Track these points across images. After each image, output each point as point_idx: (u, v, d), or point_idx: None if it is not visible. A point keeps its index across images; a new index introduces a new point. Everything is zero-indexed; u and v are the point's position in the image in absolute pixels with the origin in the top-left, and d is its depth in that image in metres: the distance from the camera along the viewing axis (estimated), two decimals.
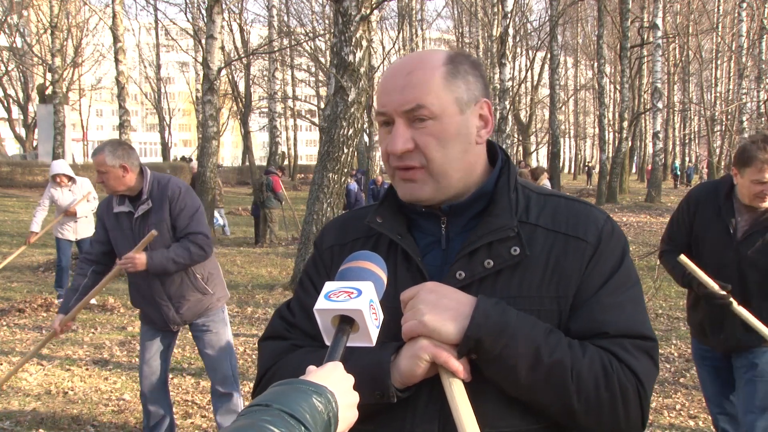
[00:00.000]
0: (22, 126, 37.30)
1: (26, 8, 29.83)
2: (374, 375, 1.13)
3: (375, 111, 1.25)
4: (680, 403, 4.76)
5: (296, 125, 45.05)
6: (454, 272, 1.19)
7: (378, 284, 1.10)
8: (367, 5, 7.15)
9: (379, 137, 1.25)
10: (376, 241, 1.29)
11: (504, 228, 1.19)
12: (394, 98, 1.18)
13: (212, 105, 14.16)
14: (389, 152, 1.20)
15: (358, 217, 1.36)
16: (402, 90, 1.18)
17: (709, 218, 3.04)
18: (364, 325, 1.04)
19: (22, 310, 7.55)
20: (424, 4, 30.65)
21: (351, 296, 1.05)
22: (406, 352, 1.14)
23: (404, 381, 1.13)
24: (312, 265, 1.38)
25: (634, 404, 1.14)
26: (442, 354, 1.11)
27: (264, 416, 0.86)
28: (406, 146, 1.17)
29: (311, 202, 7.57)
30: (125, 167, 3.42)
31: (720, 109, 27.16)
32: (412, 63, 1.22)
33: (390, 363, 1.14)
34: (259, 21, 37.05)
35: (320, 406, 0.91)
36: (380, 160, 30.93)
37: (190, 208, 3.54)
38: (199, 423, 4.43)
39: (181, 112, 55.20)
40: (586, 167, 43.78)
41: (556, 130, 26.11)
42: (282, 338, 1.31)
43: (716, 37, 30.37)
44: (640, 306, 1.21)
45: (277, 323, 1.35)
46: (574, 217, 1.23)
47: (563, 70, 38.48)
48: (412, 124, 1.18)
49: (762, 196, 2.85)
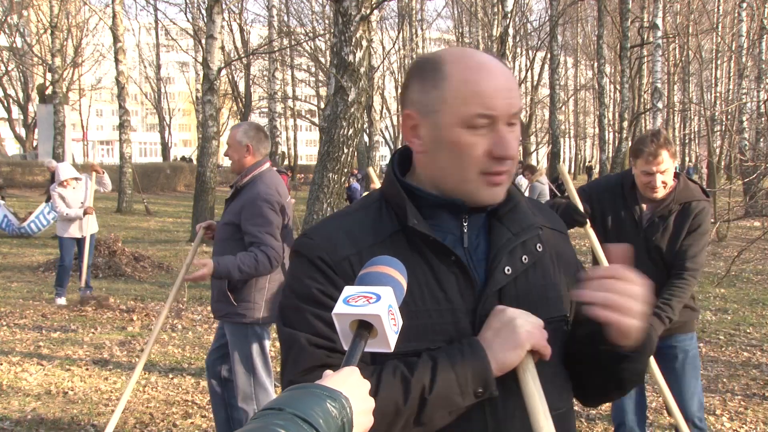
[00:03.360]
0: (22, 126, 37.31)
1: (26, 8, 29.83)
2: (476, 373, 1.13)
3: (473, 112, 1.16)
4: None
5: (296, 125, 45.02)
6: (502, 268, 1.22)
7: (397, 289, 1.08)
8: (367, 5, 7.14)
9: (464, 140, 1.17)
10: (392, 243, 1.21)
11: (533, 226, 1.28)
12: (506, 101, 1.17)
13: (212, 105, 14.15)
14: (500, 155, 1.17)
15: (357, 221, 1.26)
16: (511, 93, 1.18)
17: (616, 209, 3.19)
18: (383, 330, 1.03)
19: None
20: (424, 4, 30.68)
21: (370, 301, 1.03)
22: (505, 344, 1.14)
23: (498, 374, 1.15)
24: (322, 278, 1.19)
25: None
26: (542, 340, 1.16)
27: (276, 420, 0.85)
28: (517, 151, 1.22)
29: (311, 202, 7.57)
30: (250, 149, 3.58)
31: (720, 109, 27.14)
32: (500, 64, 1.21)
33: (489, 358, 1.14)
34: (259, 21, 37.05)
35: (334, 411, 0.89)
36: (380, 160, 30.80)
37: (263, 219, 3.45)
38: (199, 423, 4.43)
39: (181, 112, 55.20)
40: (586, 167, 43.78)
41: (556, 130, 26.11)
42: (328, 366, 1.11)
43: (716, 37, 30.35)
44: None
45: (315, 353, 1.16)
46: (549, 214, 1.39)
47: (563, 70, 38.45)
48: (508, 128, 1.19)
49: (651, 187, 3.02)
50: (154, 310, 7.66)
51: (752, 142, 17.76)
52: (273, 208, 3.49)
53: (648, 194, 3.07)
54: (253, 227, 3.43)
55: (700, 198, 3.12)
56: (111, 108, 53.73)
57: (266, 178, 3.59)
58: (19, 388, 5.03)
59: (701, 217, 3.09)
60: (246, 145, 3.57)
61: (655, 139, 2.98)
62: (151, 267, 10.50)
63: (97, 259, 9.78)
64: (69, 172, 7.88)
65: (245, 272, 3.41)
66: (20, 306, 7.82)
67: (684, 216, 3.08)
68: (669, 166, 3.00)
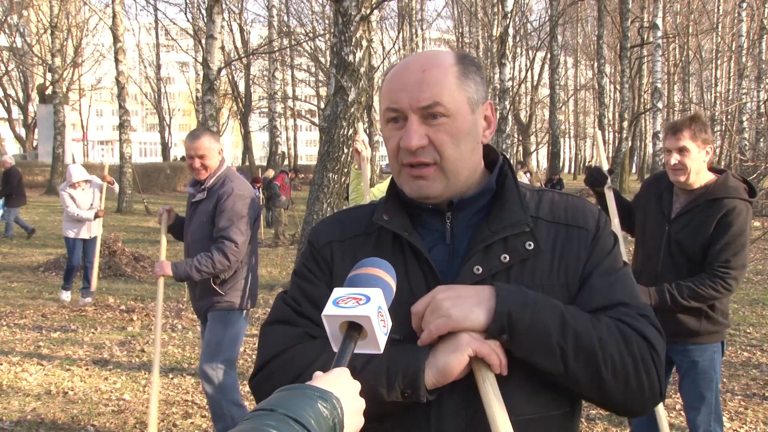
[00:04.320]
0: (22, 126, 37.33)
1: (26, 8, 29.83)
2: (406, 373, 1.13)
3: (384, 107, 1.24)
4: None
5: (296, 125, 45.04)
6: (471, 267, 1.20)
7: (387, 291, 1.10)
8: (367, 5, 7.15)
9: (386, 134, 1.25)
10: (377, 237, 1.29)
11: (519, 223, 1.23)
12: (412, 94, 1.18)
13: (212, 105, 14.12)
14: (402, 147, 1.20)
15: (356, 215, 1.37)
16: (419, 87, 1.18)
17: (650, 202, 3.14)
18: (372, 331, 1.04)
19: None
20: (424, 4, 30.66)
21: (359, 303, 1.04)
22: (446, 348, 1.13)
23: (439, 380, 1.13)
24: (310, 258, 1.35)
25: (652, 370, 1.17)
26: (484, 346, 1.12)
27: (268, 420, 0.85)
28: (422, 142, 1.18)
29: (311, 202, 7.57)
30: (220, 151, 3.76)
31: (720, 109, 27.16)
32: (424, 61, 1.22)
33: (425, 362, 1.14)
34: (259, 21, 37.09)
35: (325, 412, 0.90)
36: (380, 160, 30.70)
37: (232, 213, 3.63)
38: (199, 423, 4.43)
39: (181, 112, 55.20)
40: (586, 167, 43.78)
41: (556, 130, 26.14)
42: (291, 323, 1.28)
43: (716, 37, 30.36)
44: (634, 283, 1.28)
45: (284, 308, 1.31)
46: (572, 209, 1.29)
47: (563, 70, 38.47)
48: (426, 121, 1.19)
49: (670, 167, 2.92)
50: (154, 310, 7.65)
51: (752, 142, 17.77)
52: (247, 204, 3.70)
53: (671, 177, 2.95)
54: (226, 222, 3.61)
55: (736, 196, 2.88)
56: (111, 108, 53.75)
57: (234, 175, 3.80)
58: (19, 388, 5.03)
59: (732, 218, 2.85)
60: (218, 150, 3.76)
61: (685, 119, 2.93)
62: (151, 267, 10.49)
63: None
64: (81, 175, 7.90)
65: (204, 272, 3.61)
66: (20, 306, 7.82)
67: (710, 212, 2.87)
68: (691, 148, 2.87)
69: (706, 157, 2.92)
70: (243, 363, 5.72)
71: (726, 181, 2.93)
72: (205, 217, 3.69)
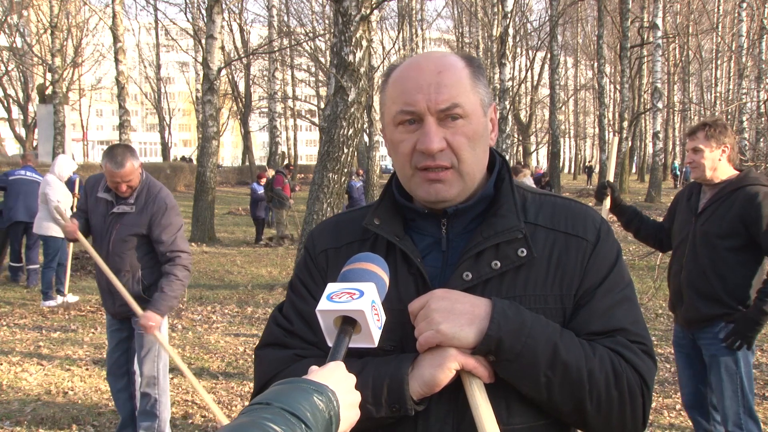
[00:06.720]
0: (22, 126, 37.29)
1: (26, 8, 29.82)
2: (391, 388, 1.12)
3: (396, 110, 1.20)
4: (680, 403, 4.75)
5: (296, 125, 45.04)
6: (461, 273, 1.18)
7: (380, 285, 1.10)
8: (367, 5, 7.14)
9: (396, 137, 1.21)
10: (373, 243, 1.27)
11: (512, 229, 1.19)
12: (430, 96, 1.16)
13: (212, 105, 14.16)
14: (421, 150, 1.17)
15: (352, 219, 1.34)
16: (437, 89, 1.16)
17: (681, 203, 3.43)
18: (366, 325, 1.04)
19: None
20: (424, 4, 30.62)
21: (353, 297, 1.05)
22: (431, 361, 1.12)
23: (425, 391, 1.12)
24: (304, 269, 1.33)
25: (639, 404, 1.16)
26: (470, 361, 1.11)
27: (264, 414, 0.86)
28: (441, 144, 1.16)
29: (311, 202, 7.57)
30: (140, 166, 3.72)
31: (720, 109, 27.17)
32: (437, 63, 1.20)
33: (408, 375, 1.12)
34: (259, 21, 37.09)
35: (321, 405, 0.91)
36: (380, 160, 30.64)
37: (174, 227, 3.71)
38: (199, 423, 4.43)
39: (181, 112, 55.23)
40: (586, 167, 43.77)
41: (556, 130, 26.11)
42: (282, 346, 1.27)
43: (716, 37, 30.35)
44: (636, 305, 1.24)
45: (274, 330, 1.30)
46: (572, 217, 1.25)
47: (563, 70, 38.45)
48: (443, 123, 1.17)
49: (690, 166, 3.23)
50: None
51: (752, 142, 17.75)
52: (179, 213, 3.81)
53: (691, 174, 3.26)
54: (170, 236, 3.68)
55: (755, 183, 3.05)
56: (111, 108, 53.70)
57: (157, 185, 3.80)
58: (19, 388, 5.03)
59: (761, 199, 2.97)
60: (139, 167, 3.70)
61: (700, 123, 3.23)
62: None
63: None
64: (69, 168, 7.84)
65: (179, 295, 3.71)
66: (20, 306, 7.82)
67: (734, 198, 3.06)
68: (704, 147, 3.13)
69: (721, 155, 3.14)
70: (243, 363, 5.72)
71: (748, 173, 3.17)
72: (134, 231, 3.68)
